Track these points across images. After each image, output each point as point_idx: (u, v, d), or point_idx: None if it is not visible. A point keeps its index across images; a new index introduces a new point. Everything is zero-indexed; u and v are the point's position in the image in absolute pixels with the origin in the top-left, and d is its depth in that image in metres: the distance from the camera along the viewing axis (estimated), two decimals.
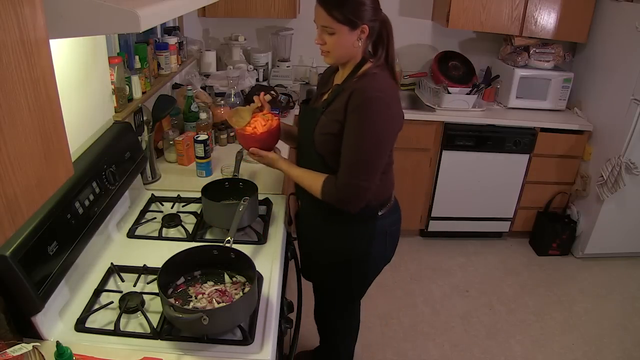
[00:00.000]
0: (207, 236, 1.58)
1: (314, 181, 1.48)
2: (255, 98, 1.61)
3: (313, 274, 1.81)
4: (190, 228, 1.60)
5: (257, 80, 3.00)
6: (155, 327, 1.17)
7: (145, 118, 1.85)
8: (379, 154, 1.41)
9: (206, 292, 1.25)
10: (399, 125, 1.44)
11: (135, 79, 1.89)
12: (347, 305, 1.84)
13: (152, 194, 1.78)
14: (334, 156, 1.43)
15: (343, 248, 1.60)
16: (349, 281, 1.71)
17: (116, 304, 1.25)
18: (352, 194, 1.40)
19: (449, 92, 2.98)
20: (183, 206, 1.73)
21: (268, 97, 1.60)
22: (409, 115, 2.89)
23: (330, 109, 1.44)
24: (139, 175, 1.76)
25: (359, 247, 1.60)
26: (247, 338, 1.15)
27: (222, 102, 2.39)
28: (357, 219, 1.53)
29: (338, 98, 1.43)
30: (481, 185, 3.13)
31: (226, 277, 1.31)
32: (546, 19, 2.93)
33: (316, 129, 1.46)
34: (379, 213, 1.56)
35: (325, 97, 1.52)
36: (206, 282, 1.29)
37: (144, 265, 1.39)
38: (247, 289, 1.24)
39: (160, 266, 1.22)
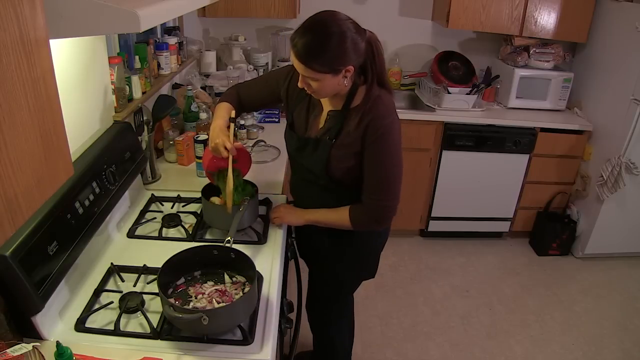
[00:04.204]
0: (207, 236, 1.58)
1: (338, 216, 1.50)
2: (221, 149, 1.46)
3: (316, 269, 1.81)
4: (190, 228, 1.60)
5: None
6: (155, 327, 1.17)
7: (145, 118, 1.85)
8: (400, 172, 1.45)
9: (206, 292, 1.25)
10: None
11: (135, 79, 1.89)
12: (346, 295, 1.87)
13: (152, 194, 1.78)
14: (354, 181, 1.46)
15: (355, 248, 1.63)
16: (357, 274, 1.75)
17: (116, 304, 1.25)
18: (386, 214, 1.46)
19: (449, 92, 2.98)
20: (183, 206, 1.73)
21: (239, 145, 1.52)
22: (409, 115, 2.91)
23: (340, 142, 1.42)
24: (139, 175, 1.76)
25: (370, 242, 1.65)
26: (247, 338, 1.15)
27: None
28: None
29: (346, 129, 1.40)
30: (481, 185, 3.13)
31: (226, 277, 1.31)
32: (546, 19, 2.92)
33: (332, 164, 1.44)
34: None
35: (322, 125, 1.47)
36: (206, 282, 1.29)
37: (144, 265, 1.39)
38: (247, 289, 1.24)
39: (160, 266, 1.22)
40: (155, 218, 1.65)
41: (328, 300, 1.87)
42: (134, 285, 1.32)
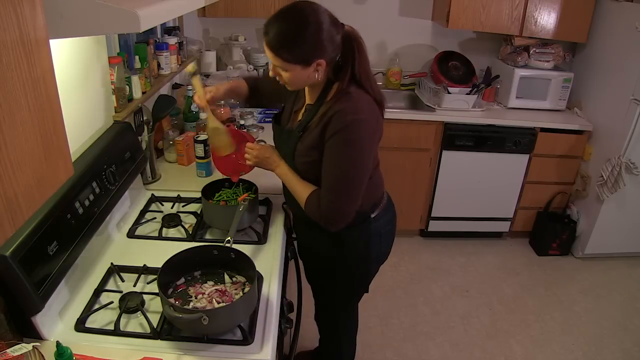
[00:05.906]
0: (207, 236, 1.58)
1: (300, 192, 1.43)
2: (195, 99, 1.56)
3: (312, 278, 1.80)
4: (190, 228, 1.60)
5: None
6: (155, 327, 1.17)
7: (145, 118, 1.85)
8: (361, 176, 1.36)
9: (206, 292, 1.25)
10: (379, 136, 1.40)
11: (135, 79, 1.88)
12: (347, 305, 1.85)
13: (152, 194, 1.78)
14: (319, 179, 1.38)
15: (340, 255, 1.58)
16: (351, 284, 1.70)
17: (116, 304, 1.25)
18: (336, 216, 1.37)
19: (449, 92, 2.98)
20: (183, 206, 1.73)
21: (227, 110, 1.56)
22: (409, 115, 2.92)
23: (305, 135, 1.38)
24: (139, 175, 1.76)
25: (355, 251, 1.58)
26: (247, 338, 1.15)
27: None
28: (351, 225, 1.45)
29: (312, 123, 1.37)
30: (481, 185, 3.13)
31: (226, 277, 1.31)
32: (546, 19, 2.93)
33: (295, 157, 1.41)
34: (372, 215, 1.54)
35: (300, 117, 1.46)
36: (206, 282, 1.29)
37: (144, 265, 1.39)
38: (247, 289, 1.24)
39: (160, 266, 1.22)
40: (155, 218, 1.65)
41: (334, 312, 1.87)
42: (134, 285, 1.32)
